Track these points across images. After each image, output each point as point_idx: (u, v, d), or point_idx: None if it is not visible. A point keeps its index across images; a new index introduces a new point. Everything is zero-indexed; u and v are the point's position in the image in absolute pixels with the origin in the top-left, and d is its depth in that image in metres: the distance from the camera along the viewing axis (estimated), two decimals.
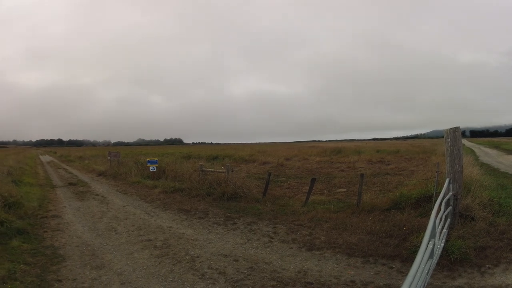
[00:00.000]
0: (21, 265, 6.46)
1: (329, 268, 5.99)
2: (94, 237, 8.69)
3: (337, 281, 5.48)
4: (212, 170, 15.34)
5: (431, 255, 4.06)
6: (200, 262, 6.58)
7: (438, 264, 5.47)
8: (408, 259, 6.04)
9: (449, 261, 5.80)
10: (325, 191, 13.66)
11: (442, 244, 5.62)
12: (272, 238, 7.85)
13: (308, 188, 11.48)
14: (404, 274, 5.47)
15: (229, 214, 10.31)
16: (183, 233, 8.70)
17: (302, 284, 5.42)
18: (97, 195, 15.42)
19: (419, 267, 3.17)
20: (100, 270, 6.49)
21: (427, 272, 3.64)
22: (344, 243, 7.10)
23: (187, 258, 6.87)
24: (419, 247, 3.64)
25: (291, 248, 7.11)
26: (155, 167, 19.03)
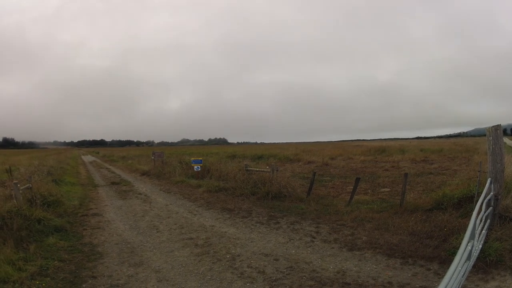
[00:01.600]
0: (55, 262, 7.01)
1: (368, 268, 6.31)
2: (135, 235, 9.26)
3: (375, 282, 5.76)
4: (257, 169, 16.03)
5: (468, 257, 4.18)
6: (240, 261, 6.99)
7: (473, 266, 5.66)
8: (446, 261, 6.31)
9: (484, 263, 5.98)
10: (369, 190, 14.33)
11: (480, 246, 5.74)
12: (314, 237, 8.31)
13: (352, 187, 12.10)
14: (441, 276, 5.77)
15: (272, 214, 10.90)
16: (225, 232, 9.22)
17: (340, 284, 5.73)
18: (140, 194, 16.39)
19: (455, 269, 3.29)
20: (138, 267, 6.92)
21: (463, 275, 3.69)
22: (385, 243, 7.50)
23: (228, 256, 7.29)
24: (457, 248, 3.78)
25: (332, 248, 7.52)
26: (199, 166, 20.05)
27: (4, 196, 10.56)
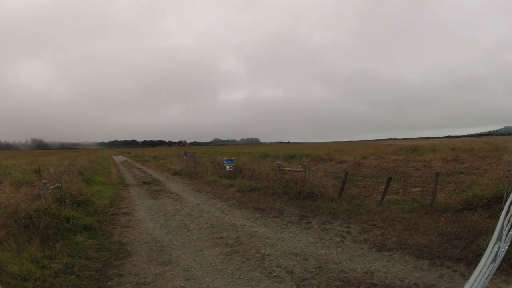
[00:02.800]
0: (82, 260, 7.24)
1: (396, 269, 6.43)
2: (165, 234, 9.51)
3: (401, 283, 5.87)
4: (290, 169, 16.33)
5: (494, 259, 4.20)
6: (269, 261, 7.15)
7: (498, 267, 5.59)
8: (473, 262, 6.38)
9: (509, 265, 6.00)
10: (401, 190, 14.67)
11: (506, 247, 5.66)
12: (344, 237, 8.50)
13: (383, 187, 12.38)
14: (466, 278, 5.79)
15: (304, 213, 11.14)
16: (256, 231, 9.46)
17: (367, 285, 5.86)
18: (171, 193, 16.80)
19: (480, 271, 3.32)
20: (166, 266, 7.09)
21: (487, 277, 3.66)
22: (414, 244, 7.62)
23: (257, 256, 7.48)
24: (484, 249, 3.83)
25: (362, 248, 7.68)
26: (231, 166, 20.44)
27: (32, 196, 10.91)
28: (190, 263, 7.18)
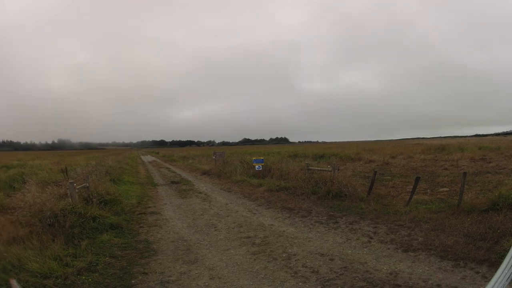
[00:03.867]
0: (106, 258, 7.42)
1: (420, 270, 6.47)
2: (192, 233, 9.68)
3: (424, 284, 5.91)
4: (319, 168, 16.46)
5: None
6: (295, 260, 7.23)
7: None
8: (495, 264, 6.42)
9: None
10: (428, 190, 14.70)
11: None
12: (371, 238, 8.57)
13: (412, 187, 12.52)
14: (488, 280, 5.62)
15: (332, 213, 11.27)
16: (283, 231, 9.56)
17: (391, 286, 5.93)
18: (200, 193, 17.09)
19: (502, 273, 3.21)
20: (191, 264, 7.19)
21: (507, 278, 3.57)
22: (440, 245, 7.65)
23: (284, 256, 7.55)
24: (507, 251, 3.68)
25: (388, 249, 7.75)
26: (260, 166, 20.68)
27: (58, 195, 11.26)
28: (216, 262, 7.27)
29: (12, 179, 18.53)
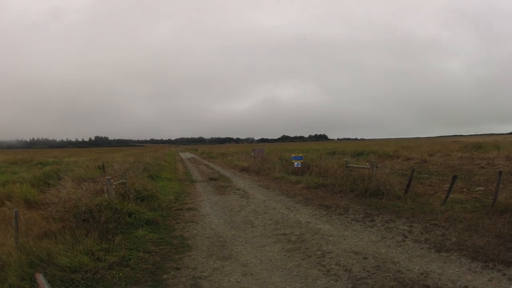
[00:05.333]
0: (140, 253, 7.61)
1: (450, 271, 6.45)
2: (228, 229, 9.81)
3: (453, 285, 5.91)
4: (357, 166, 16.52)
5: None
6: (329, 258, 7.29)
7: None
8: None
9: None
10: (464, 189, 14.60)
11: None
12: (406, 237, 8.56)
13: (448, 185, 12.41)
14: None
15: (368, 211, 11.29)
16: (320, 228, 9.63)
17: (420, 286, 5.92)
18: (238, 189, 17.30)
19: None
20: (225, 261, 7.28)
21: None
22: (472, 245, 7.60)
23: (318, 253, 7.61)
24: None
25: (422, 248, 7.72)
26: (299, 163, 20.64)
27: (94, 191, 11.64)
28: (250, 258, 7.35)
29: (47, 176, 19.18)
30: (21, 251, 6.72)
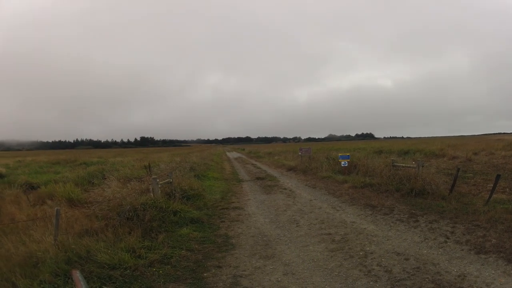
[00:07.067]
0: (182, 251, 7.73)
1: (487, 274, 6.39)
2: (273, 228, 9.84)
3: None
4: (403, 165, 16.23)
5: None
6: (371, 259, 7.28)
7: None
8: None
9: None
10: (507, 189, 14.18)
11: None
12: (448, 238, 8.47)
13: (492, 185, 12.19)
14: None
15: (413, 211, 11.16)
16: (364, 228, 9.61)
17: None
18: (284, 188, 17.31)
19: None
20: (267, 260, 7.30)
21: None
22: (510, 247, 7.49)
23: (361, 254, 7.60)
24: None
25: (462, 250, 7.65)
26: (346, 162, 20.47)
27: (140, 190, 11.96)
28: (293, 258, 7.35)
29: (91, 175, 19.85)
30: (58, 248, 6.95)
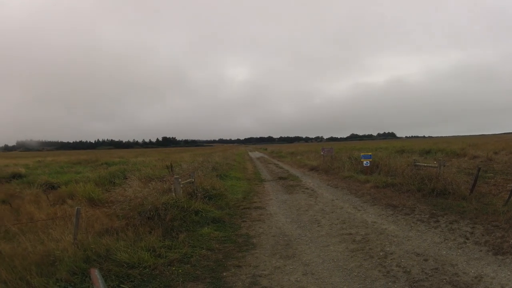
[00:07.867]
0: (203, 251, 7.80)
1: (503, 275, 6.38)
2: (295, 228, 9.86)
3: None
4: (425, 165, 16.22)
5: None
6: (391, 259, 7.27)
7: None
8: None
9: None
10: None
11: None
12: (467, 239, 8.45)
13: (511, 185, 12.17)
14: None
15: (434, 211, 11.14)
16: (385, 228, 9.61)
17: None
18: (306, 188, 17.32)
19: None
20: (287, 259, 7.32)
21: None
22: None
23: (381, 254, 7.60)
24: None
25: (481, 251, 7.62)
26: (368, 161, 20.49)
27: (161, 190, 12.06)
28: (313, 258, 7.36)
29: (113, 175, 20.16)
30: (77, 247, 7.05)
